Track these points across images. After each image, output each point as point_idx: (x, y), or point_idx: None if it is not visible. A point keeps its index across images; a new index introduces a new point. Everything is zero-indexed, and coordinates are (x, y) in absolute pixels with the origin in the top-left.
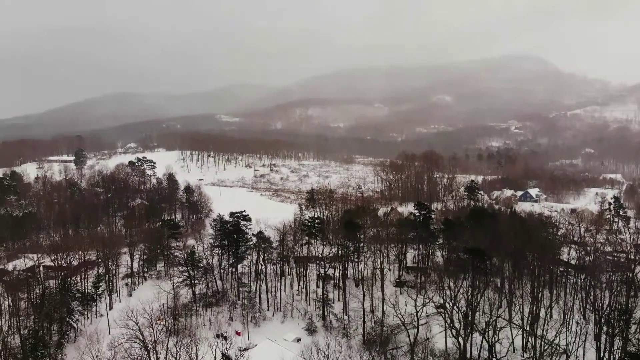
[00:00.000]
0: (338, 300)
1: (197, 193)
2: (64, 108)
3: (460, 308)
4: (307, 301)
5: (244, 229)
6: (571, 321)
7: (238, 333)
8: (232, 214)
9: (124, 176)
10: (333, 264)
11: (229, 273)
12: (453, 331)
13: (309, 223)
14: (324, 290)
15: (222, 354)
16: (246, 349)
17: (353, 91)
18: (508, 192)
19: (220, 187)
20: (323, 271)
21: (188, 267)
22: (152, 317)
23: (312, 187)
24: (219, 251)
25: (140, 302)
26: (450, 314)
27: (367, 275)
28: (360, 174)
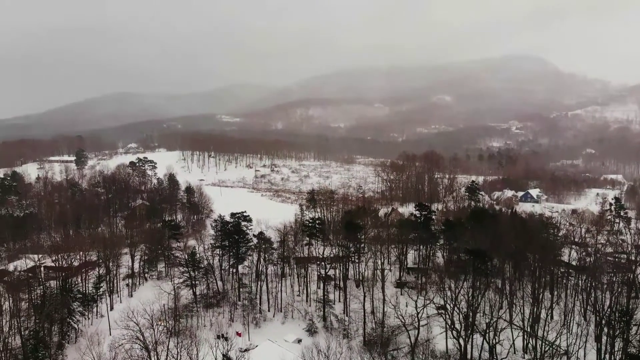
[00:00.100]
0: (339, 301)
1: (198, 193)
2: (64, 108)
3: (461, 309)
4: (308, 302)
5: (245, 230)
6: (572, 322)
7: (239, 334)
8: (233, 215)
9: (125, 176)
10: (334, 265)
11: (230, 274)
12: (454, 332)
13: (310, 224)
14: (325, 291)
15: (223, 355)
16: (247, 350)
17: (353, 91)
18: (509, 193)
19: (221, 188)
20: (324, 272)
21: (189, 268)
22: (153, 318)
23: (313, 188)
24: (220, 252)
25: (141, 303)
26: (451, 315)
27: (368, 276)
28: (361, 175)
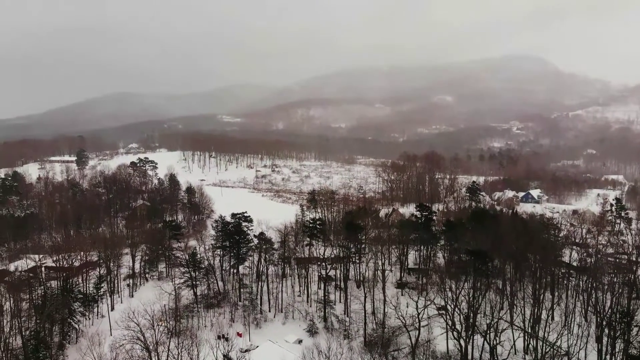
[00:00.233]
0: (339, 301)
1: (199, 194)
2: (65, 108)
3: (461, 310)
4: (309, 302)
5: (246, 230)
6: (573, 323)
7: (239, 334)
8: (234, 215)
9: (126, 177)
10: (334, 266)
11: (231, 274)
12: (454, 333)
13: (311, 224)
14: (326, 291)
15: (224, 356)
16: (247, 351)
17: (354, 91)
18: (510, 193)
19: (221, 188)
20: (324, 272)
21: (189, 268)
22: (154, 318)
23: (314, 188)
24: (221, 252)
25: (141, 303)
26: (451, 316)
27: (369, 276)
28: (361, 175)
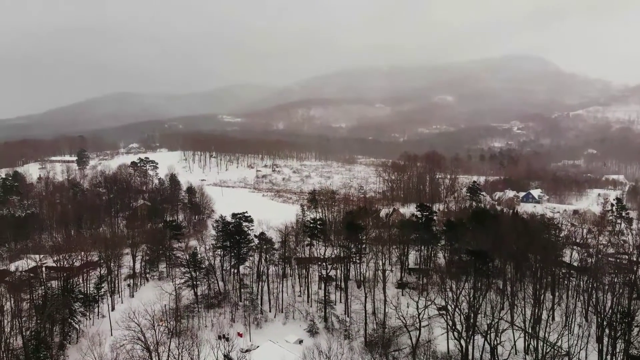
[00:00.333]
0: (340, 301)
1: (199, 194)
2: (65, 108)
3: (462, 310)
4: (309, 303)
5: (246, 230)
6: (573, 323)
7: (240, 334)
8: (234, 215)
9: (127, 177)
10: (335, 266)
11: (231, 274)
12: (455, 333)
13: (311, 224)
14: (326, 291)
15: (224, 356)
16: (248, 351)
17: (354, 91)
18: (510, 193)
19: (222, 188)
20: (325, 272)
21: (190, 268)
22: (154, 319)
23: (314, 188)
24: (221, 252)
25: (142, 303)
26: (452, 316)
27: (369, 276)
28: (362, 175)
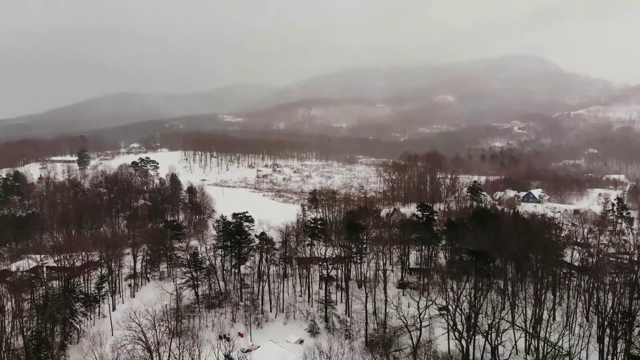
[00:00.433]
0: (340, 301)
1: (200, 194)
2: (65, 108)
3: (463, 310)
4: (310, 303)
5: (247, 230)
6: (574, 323)
7: (240, 334)
8: (235, 215)
9: (127, 176)
10: (336, 266)
11: (232, 274)
12: (456, 333)
13: (312, 224)
14: (327, 291)
15: (225, 356)
16: (249, 351)
17: (354, 91)
18: (511, 193)
19: (223, 188)
20: (326, 272)
21: (191, 268)
22: (155, 319)
23: (315, 188)
24: (222, 252)
25: (143, 304)
26: (453, 316)
27: (370, 276)
28: (362, 175)
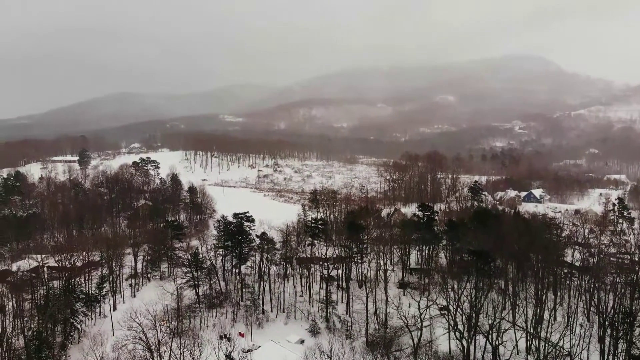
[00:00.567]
0: (341, 301)
1: (201, 193)
2: (66, 108)
3: (464, 310)
4: (311, 303)
5: (248, 230)
6: (575, 324)
7: (241, 334)
8: (236, 215)
9: (128, 176)
10: (336, 266)
11: (233, 274)
12: (457, 333)
13: (312, 224)
14: (327, 291)
15: (226, 356)
16: (249, 351)
17: (355, 91)
18: (512, 193)
19: (223, 188)
20: (326, 272)
21: (192, 268)
22: (156, 319)
23: (316, 188)
24: (223, 252)
25: (143, 303)
26: (453, 316)
27: (371, 276)
28: (363, 175)
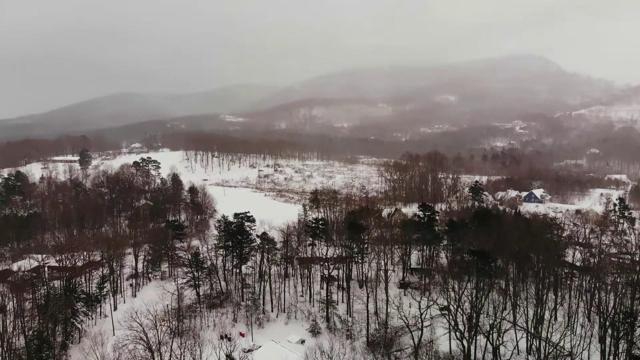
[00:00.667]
0: (342, 301)
1: (202, 193)
2: (67, 108)
3: (464, 310)
4: (311, 302)
5: (248, 230)
6: (576, 324)
7: (242, 334)
8: (236, 215)
9: (129, 176)
10: (337, 266)
11: (233, 274)
12: (457, 333)
13: (313, 224)
14: (328, 291)
15: (226, 356)
16: (250, 351)
17: (356, 91)
18: (512, 193)
19: (224, 188)
20: (327, 272)
21: (192, 268)
22: (156, 318)
23: (316, 188)
24: (223, 252)
25: (144, 303)
26: (454, 316)
27: (371, 276)
28: (364, 175)
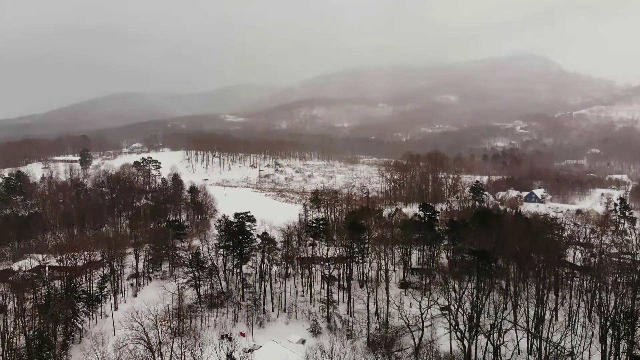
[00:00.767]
0: (342, 301)
1: (202, 193)
2: (67, 108)
3: (465, 310)
4: (312, 302)
5: (249, 230)
6: (576, 324)
7: (242, 334)
8: (237, 215)
9: (130, 176)
10: (337, 265)
11: (234, 274)
12: (458, 333)
13: (314, 224)
14: (329, 291)
15: (227, 355)
16: (250, 350)
17: (356, 91)
18: (513, 193)
19: (225, 187)
20: (327, 272)
21: (193, 268)
22: (157, 318)
23: (317, 188)
24: (224, 252)
25: (145, 303)
26: (455, 316)
27: (372, 276)
28: (364, 174)
